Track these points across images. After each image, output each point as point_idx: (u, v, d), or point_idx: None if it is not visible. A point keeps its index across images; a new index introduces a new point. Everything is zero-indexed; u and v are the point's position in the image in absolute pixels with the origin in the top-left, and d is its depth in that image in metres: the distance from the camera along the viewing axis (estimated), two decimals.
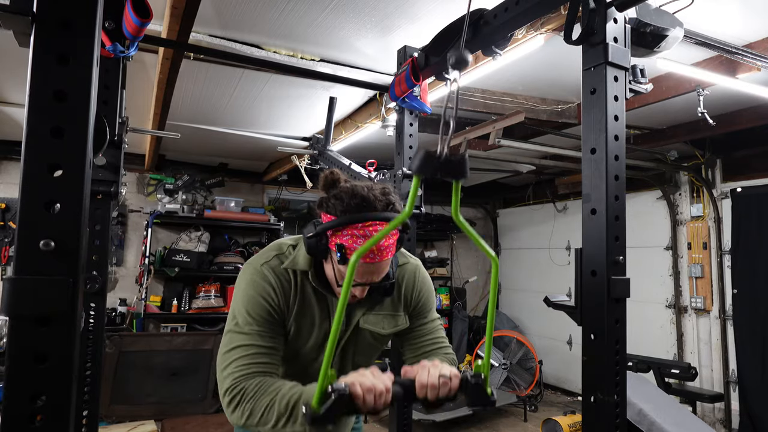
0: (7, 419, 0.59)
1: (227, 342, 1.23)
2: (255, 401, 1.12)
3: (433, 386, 1.05)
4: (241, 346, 1.20)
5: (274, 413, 1.09)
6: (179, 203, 5.31)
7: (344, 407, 0.95)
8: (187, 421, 4.36)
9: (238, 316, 1.24)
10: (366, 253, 1.10)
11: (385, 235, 0.89)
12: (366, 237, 1.14)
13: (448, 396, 1.06)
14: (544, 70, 2.88)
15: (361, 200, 1.17)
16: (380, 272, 1.21)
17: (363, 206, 1.16)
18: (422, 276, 1.47)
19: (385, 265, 1.21)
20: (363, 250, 0.84)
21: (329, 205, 1.20)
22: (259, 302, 1.24)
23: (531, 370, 5.93)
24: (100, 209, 1.55)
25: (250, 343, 1.20)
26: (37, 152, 0.62)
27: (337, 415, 0.95)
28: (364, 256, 1.14)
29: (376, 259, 1.16)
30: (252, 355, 1.19)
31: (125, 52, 1.49)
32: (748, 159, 4.39)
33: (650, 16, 1.36)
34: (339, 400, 0.94)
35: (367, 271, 1.19)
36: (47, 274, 0.61)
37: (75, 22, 0.65)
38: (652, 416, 2.99)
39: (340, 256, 1.15)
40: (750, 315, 4.18)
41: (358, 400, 0.97)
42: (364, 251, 0.84)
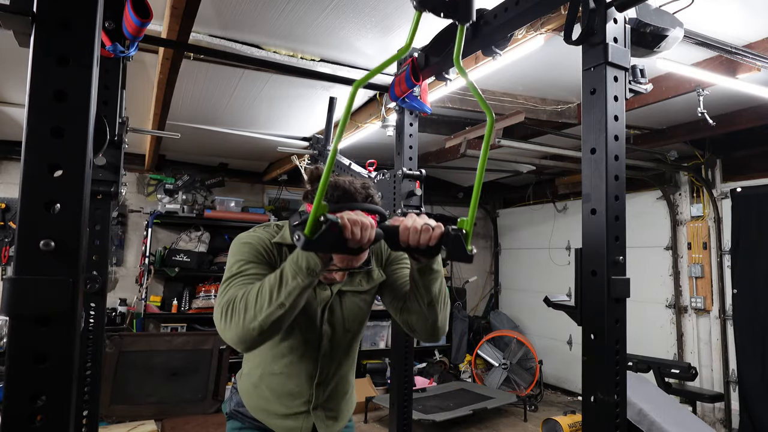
0: (7, 419, 0.59)
1: (222, 289, 1.27)
2: (246, 296, 1.16)
3: (415, 230, 1.12)
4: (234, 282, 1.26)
5: (265, 291, 1.13)
6: (179, 203, 5.31)
7: (334, 237, 1.01)
8: (187, 421, 4.36)
9: (232, 265, 1.30)
10: None
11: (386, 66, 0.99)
12: None
13: (429, 243, 1.12)
14: (544, 70, 2.88)
15: (342, 192, 1.25)
16: (360, 258, 1.29)
17: (344, 197, 1.25)
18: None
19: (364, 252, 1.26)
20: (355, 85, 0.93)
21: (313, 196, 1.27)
22: (252, 246, 1.33)
23: (531, 370, 5.93)
24: (100, 209, 1.55)
25: (244, 275, 1.26)
26: (37, 152, 0.62)
27: (328, 243, 1.01)
28: None
29: None
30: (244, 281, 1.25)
31: (125, 52, 1.49)
32: (748, 159, 4.39)
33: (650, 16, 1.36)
34: (330, 228, 1.00)
35: (347, 257, 1.27)
36: (47, 274, 0.61)
37: (75, 22, 0.65)
38: (652, 416, 2.99)
39: None
40: (750, 315, 4.18)
41: (347, 231, 1.03)
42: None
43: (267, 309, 1.12)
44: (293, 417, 1.44)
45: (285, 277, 1.12)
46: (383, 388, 5.38)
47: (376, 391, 5.22)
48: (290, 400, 1.44)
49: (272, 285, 1.13)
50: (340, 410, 1.52)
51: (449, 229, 1.11)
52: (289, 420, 1.44)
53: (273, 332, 1.16)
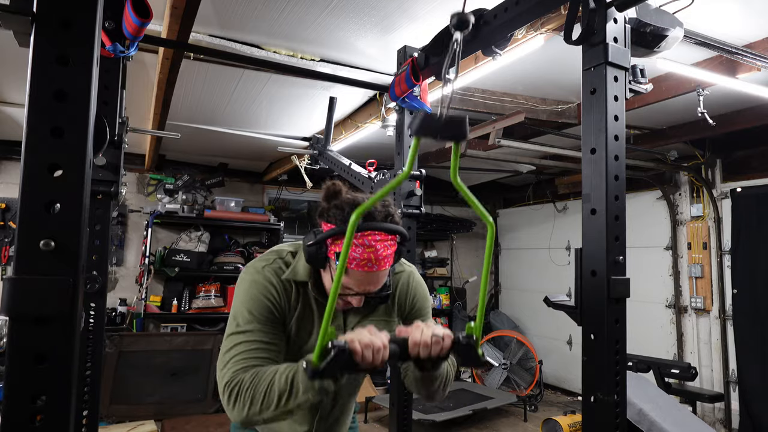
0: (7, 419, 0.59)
1: (227, 344, 1.23)
2: (254, 388, 1.12)
3: (426, 344, 1.08)
4: (241, 343, 1.21)
5: (275, 393, 1.09)
6: (179, 203, 5.31)
7: (343, 362, 0.98)
8: (187, 421, 4.36)
9: (238, 316, 1.24)
10: (364, 262, 1.15)
11: (385, 194, 0.91)
12: (365, 246, 1.16)
13: (440, 355, 1.09)
14: (544, 70, 2.88)
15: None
16: (378, 282, 1.23)
17: (364, 217, 1.18)
18: (416, 280, 1.47)
19: (383, 275, 1.22)
20: (362, 209, 0.87)
21: (330, 214, 1.22)
22: (261, 300, 1.25)
23: (531, 370, 5.93)
24: (100, 209, 1.55)
25: (251, 339, 1.21)
26: (37, 152, 0.62)
27: (337, 370, 0.98)
28: (361, 265, 1.16)
29: (375, 269, 1.17)
30: (251, 350, 1.20)
31: (125, 52, 1.49)
32: (748, 159, 4.39)
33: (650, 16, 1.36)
34: (339, 355, 0.97)
35: (365, 281, 1.20)
36: (47, 274, 0.61)
37: (75, 22, 0.65)
38: (652, 416, 2.99)
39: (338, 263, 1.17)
40: (750, 315, 4.18)
41: (357, 356, 1.00)
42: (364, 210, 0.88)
43: (273, 411, 1.10)
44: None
45: (296, 388, 1.07)
46: (383, 388, 5.38)
47: (376, 391, 5.22)
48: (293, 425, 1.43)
49: (282, 390, 1.09)
50: None
51: (459, 338, 1.09)
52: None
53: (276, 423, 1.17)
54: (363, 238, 1.16)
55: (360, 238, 1.16)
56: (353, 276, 1.19)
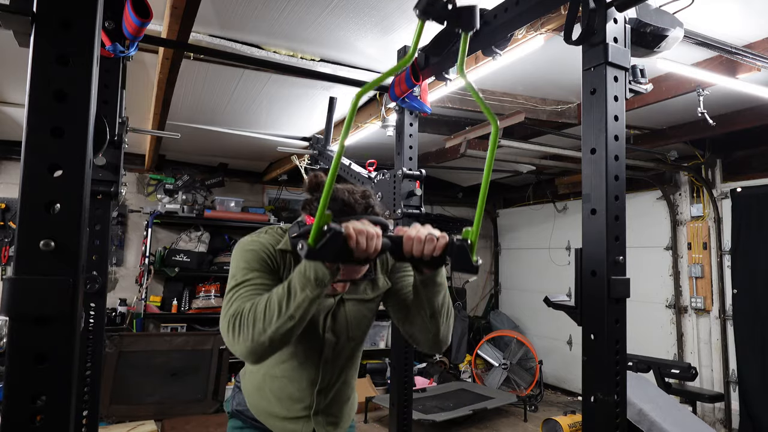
0: (7, 419, 0.59)
1: (226, 300, 1.24)
2: (254, 309, 1.13)
3: (419, 240, 1.10)
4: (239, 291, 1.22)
5: (274, 304, 1.11)
6: (179, 203, 5.31)
7: (338, 246, 1.00)
8: (187, 421, 4.36)
9: (236, 273, 1.27)
10: None
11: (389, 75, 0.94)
12: None
13: (432, 253, 1.10)
14: (544, 70, 2.88)
15: (342, 204, 1.23)
16: (362, 268, 1.27)
17: (344, 210, 1.22)
18: None
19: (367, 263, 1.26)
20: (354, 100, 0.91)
21: (313, 206, 1.27)
22: (256, 253, 1.29)
23: (531, 370, 5.93)
24: (100, 209, 1.55)
25: (249, 285, 1.23)
26: (37, 152, 0.62)
27: (332, 252, 0.99)
28: None
29: None
30: (250, 293, 1.22)
31: (125, 52, 1.49)
32: (748, 159, 4.39)
33: (650, 17, 1.36)
34: (334, 237, 0.98)
35: (351, 270, 1.24)
36: (47, 274, 0.61)
37: (75, 22, 0.65)
38: (652, 416, 2.99)
39: None
40: (750, 315, 4.18)
41: (351, 241, 1.01)
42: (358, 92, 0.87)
43: (276, 322, 1.10)
44: (294, 420, 1.44)
45: (293, 289, 1.10)
46: (383, 388, 5.38)
47: (376, 391, 5.22)
48: (291, 404, 1.43)
49: (281, 297, 1.11)
50: (341, 415, 1.51)
51: (454, 239, 1.09)
52: (290, 423, 1.44)
53: (283, 344, 1.15)
54: None
55: None
56: None
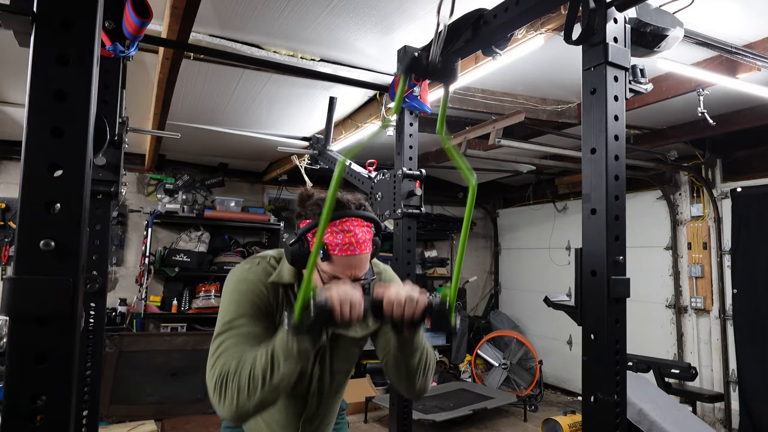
0: (7, 419, 0.59)
1: (214, 346, 1.23)
2: (238, 376, 1.12)
3: (399, 303, 1.12)
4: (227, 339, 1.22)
5: (258, 373, 1.11)
6: (179, 203, 5.31)
7: (324, 318, 1.04)
8: (187, 421, 4.36)
9: (225, 315, 1.26)
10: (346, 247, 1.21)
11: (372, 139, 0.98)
12: (345, 231, 1.22)
13: (413, 316, 1.13)
14: (544, 70, 2.88)
15: (336, 203, 1.24)
16: (361, 266, 1.27)
17: (338, 207, 1.25)
18: (389, 275, 1.52)
19: (365, 260, 1.27)
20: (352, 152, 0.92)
21: (307, 212, 1.29)
22: (246, 296, 1.28)
23: (531, 370, 5.93)
24: (100, 209, 1.55)
25: (237, 333, 1.22)
26: (37, 152, 0.62)
27: (318, 325, 1.04)
28: (343, 249, 1.21)
29: (356, 251, 1.23)
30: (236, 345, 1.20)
31: (125, 52, 1.49)
32: (748, 159, 4.39)
33: (650, 16, 1.36)
34: (319, 312, 1.03)
35: (348, 265, 1.24)
36: (47, 274, 0.61)
37: (75, 22, 0.65)
38: (652, 416, 2.99)
39: (323, 252, 1.22)
40: (750, 315, 4.18)
41: (336, 312, 1.05)
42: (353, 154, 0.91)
43: (260, 393, 1.10)
44: None
45: (277, 361, 1.09)
46: (383, 388, 5.38)
47: (376, 391, 5.22)
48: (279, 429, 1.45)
49: (264, 368, 1.10)
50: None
51: (433, 303, 1.13)
52: None
53: (267, 408, 1.17)
54: (341, 224, 1.22)
55: (338, 225, 1.22)
56: (337, 262, 1.23)
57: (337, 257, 1.22)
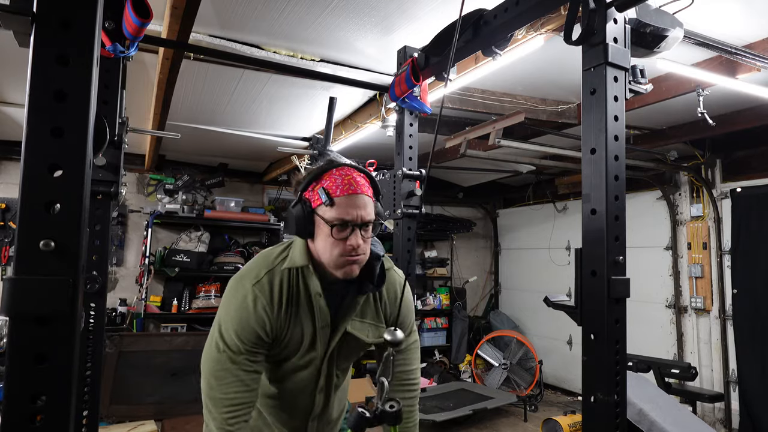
0: (7, 419, 0.59)
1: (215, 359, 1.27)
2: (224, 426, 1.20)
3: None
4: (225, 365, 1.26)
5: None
6: (179, 203, 5.31)
7: None
8: (187, 421, 4.35)
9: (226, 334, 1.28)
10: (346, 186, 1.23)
11: None
12: (343, 175, 1.25)
13: None
14: (544, 70, 2.88)
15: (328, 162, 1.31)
16: (365, 207, 1.26)
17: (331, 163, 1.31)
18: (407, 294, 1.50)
19: (367, 201, 1.27)
20: None
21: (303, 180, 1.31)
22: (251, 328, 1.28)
23: (531, 370, 5.93)
24: (100, 209, 1.55)
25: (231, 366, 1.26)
26: (37, 152, 0.62)
27: None
28: (344, 189, 1.23)
29: (357, 191, 1.25)
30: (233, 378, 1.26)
31: (125, 52, 1.49)
32: (748, 159, 4.39)
33: (650, 17, 1.36)
34: None
35: (352, 204, 1.24)
36: (47, 274, 0.61)
37: (75, 22, 0.65)
38: (652, 416, 2.99)
39: (326, 197, 1.23)
40: (750, 315, 4.18)
41: None
42: None
43: None
44: None
45: None
46: None
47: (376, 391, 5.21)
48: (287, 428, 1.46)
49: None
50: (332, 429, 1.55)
51: None
52: None
53: None
54: (338, 171, 1.26)
55: (337, 173, 1.26)
56: (340, 204, 1.23)
57: (339, 198, 1.22)
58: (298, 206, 1.27)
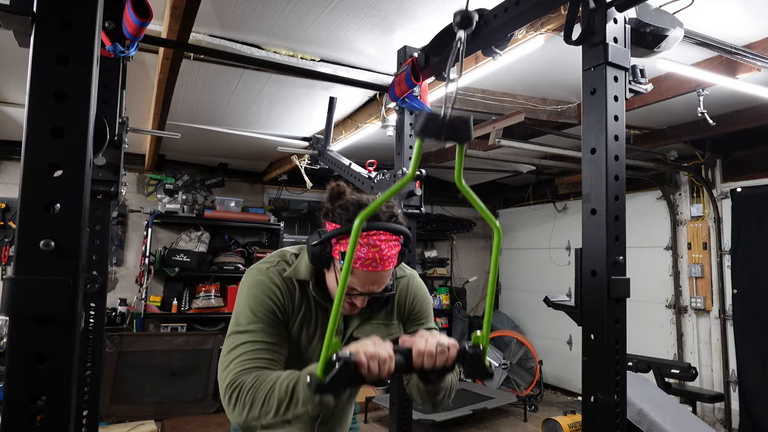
0: (7, 419, 0.59)
1: (229, 344, 1.22)
2: (254, 392, 1.10)
3: (431, 354, 1.03)
4: (243, 343, 1.20)
5: (274, 400, 1.08)
6: (179, 203, 5.31)
7: (349, 375, 0.94)
8: (187, 421, 4.36)
9: (241, 316, 1.24)
10: (369, 262, 1.15)
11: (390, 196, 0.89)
12: (371, 246, 1.16)
13: (445, 365, 1.04)
14: (544, 70, 2.88)
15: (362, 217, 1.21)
16: (381, 282, 1.22)
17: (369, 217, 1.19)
18: (416, 283, 1.47)
19: (386, 275, 1.22)
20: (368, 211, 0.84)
21: (335, 214, 1.23)
22: (264, 301, 1.25)
23: (531, 370, 5.93)
24: (100, 209, 1.55)
25: (253, 339, 1.20)
26: (37, 152, 0.62)
27: (343, 383, 0.93)
28: (366, 264, 1.16)
29: (379, 268, 1.17)
30: (253, 351, 1.19)
31: (125, 52, 1.49)
32: (748, 159, 4.39)
33: (650, 17, 1.36)
34: (344, 368, 0.93)
35: (369, 280, 1.20)
36: (47, 274, 0.61)
37: (75, 22, 0.65)
38: (652, 416, 2.99)
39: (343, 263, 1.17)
40: (750, 315, 4.18)
41: (363, 368, 0.96)
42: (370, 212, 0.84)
43: (272, 418, 1.08)
44: None
45: (296, 399, 1.05)
46: (383, 388, 5.38)
47: (376, 391, 5.22)
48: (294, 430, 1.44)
49: (281, 398, 1.06)
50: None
51: (466, 347, 1.03)
52: None
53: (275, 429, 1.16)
54: (368, 237, 1.16)
55: (365, 238, 1.15)
56: (358, 275, 1.18)
57: (358, 271, 1.17)
58: (318, 248, 1.22)
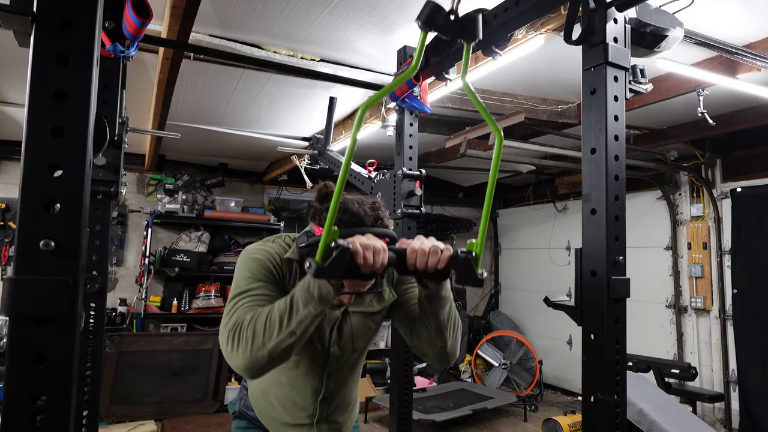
0: (7, 419, 0.59)
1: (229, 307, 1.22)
2: (254, 322, 1.11)
3: (423, 252, 1.07)
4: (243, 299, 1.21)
5: (275, 317, 1.09)
6: (179, 203, 5.31)
7: (346, 262, 0.98)
8: (187, 421, 4.36)
9: (240, 280, 1.26)
10: None
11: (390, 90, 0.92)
12: None
13: (437, 266, 1.07)
14: (544, 70, 2.88)
15: (351, 215, 1.22)
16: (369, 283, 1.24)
17: (353, 222, 1.22)
18: None
19: None
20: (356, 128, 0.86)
21: (322, 217, 1.26)
22: (263, 262, 1.28)
23: (531, 370, 5.93)
24: (100, 209, 1.54)
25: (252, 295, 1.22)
26: (37, 152, 0.62)
27: (340, 268, 0.98)
28: None
29: None
30: (252, 302, 1.20)
31: (125, 52, 1.49)
32: (748, 159, 4.39)
33: (650, 16, 1.36)
34: (342, 254, 0.97)
35: (357, 283, 1.21)
36: (47, 274, 0.61)
37: (75, 22, 0.65)
38: (652, 416, 2.99)
39: None
40: (750, 315, 4.18)
41: (358, 257, 1.00)
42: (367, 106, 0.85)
43: (277, 337, 1.08)
44: (297, 427, 1.44)
45: (296, 305, 1.08)
46: (383, 388, 5.38)
47: (376, 391, 5.22)
48: (295, 411, 1.44)
49: (282, 312, 1.08)
50: (343, 422, 1.52)
51: (458, 252, 1.07)
52: (293, 430, 1.44)
53: (282, 360, 1.13)
54: None
55: None
56: None
57: None
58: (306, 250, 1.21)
